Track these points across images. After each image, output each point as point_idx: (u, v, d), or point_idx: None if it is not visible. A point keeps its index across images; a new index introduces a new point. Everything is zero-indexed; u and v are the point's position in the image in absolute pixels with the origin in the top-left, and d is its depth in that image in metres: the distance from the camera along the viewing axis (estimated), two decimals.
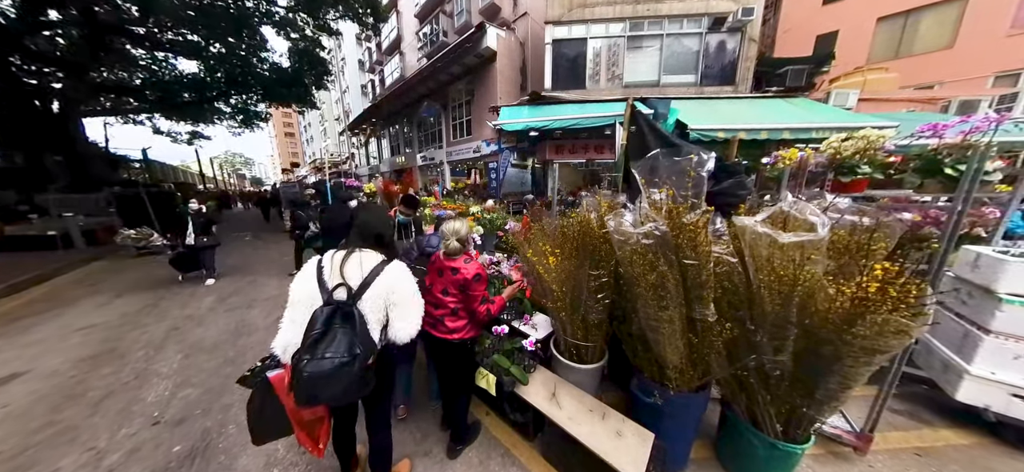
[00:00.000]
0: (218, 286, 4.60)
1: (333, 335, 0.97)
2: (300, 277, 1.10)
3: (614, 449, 1.17)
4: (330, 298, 1.03)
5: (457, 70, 10.14)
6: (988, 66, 8.20)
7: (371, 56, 20.45)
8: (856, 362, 0.96)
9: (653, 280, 1.07)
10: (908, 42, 9.21)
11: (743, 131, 6.20)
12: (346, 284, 1.05)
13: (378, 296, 1.07)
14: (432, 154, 13.04)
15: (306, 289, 1.07)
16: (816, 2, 10.25)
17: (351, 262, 1.10)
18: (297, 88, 11.37)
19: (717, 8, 7.27)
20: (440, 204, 5.50)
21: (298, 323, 1.03)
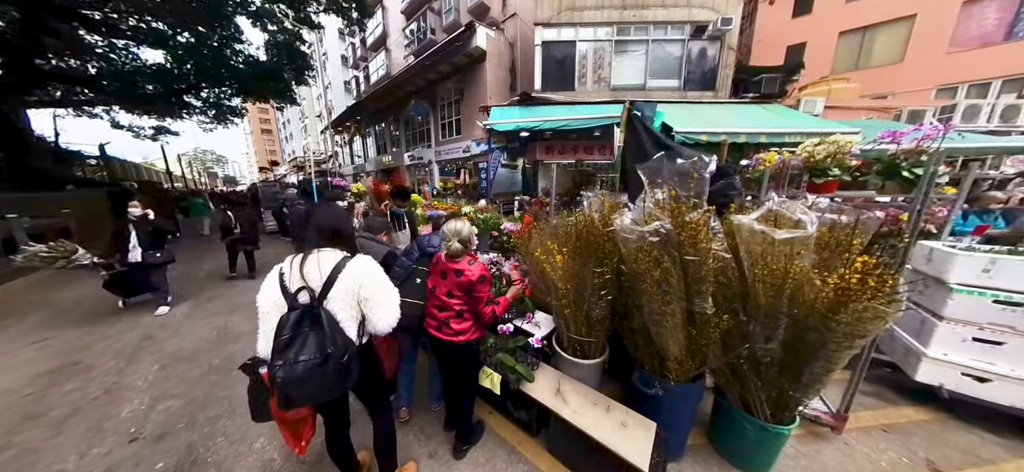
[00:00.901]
0: (193, 293, 4.24)
1: (302, 338, 0.97)
2: (264, 287, 1.09)
3: (620, 440, 1.22)
4: (294, 302, 1.02)
5: (446, 69, 10.04)
6: (931, 80, 9.09)
7: (355, 52, 19.84)
8: (839, 346, 1.05)
9: (658, 276, 1.13)
10: (866, 55, 10.03)
11: (725, 134, 6.52)
12: (308, 286, 1.04)
13: (346, 293, 1.06)
14: (420, 153, 12.83)
15: (271, 298, 1.06)
16: (786, 15, 10.95)
17: (309, 263, 1.08)
18: (275, 83, 10.79)
19: (698, 17, 7.61)
20: (431, 204, 5.43)
21: (269, 333, 1.02)
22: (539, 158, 8.72)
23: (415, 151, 13.20)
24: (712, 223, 1.30)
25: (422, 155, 12.70)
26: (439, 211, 4.72)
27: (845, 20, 10.14)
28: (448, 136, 11.46)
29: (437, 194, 9.32)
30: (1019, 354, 1.79)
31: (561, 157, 8.74)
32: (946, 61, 8.94)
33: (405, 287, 1.46)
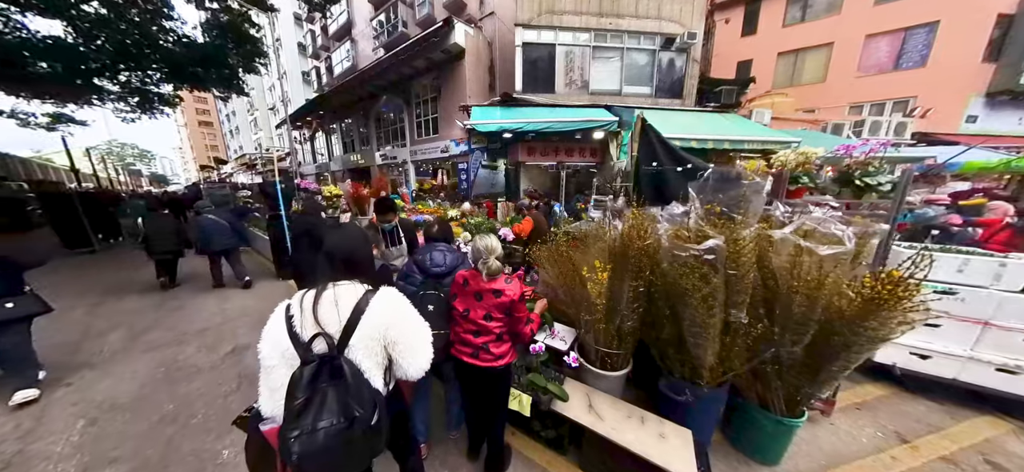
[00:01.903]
0: (124, 319, 3.45)
1: (321, 398, 0.78)
2: (267, 333, 0.88)
3: (662, 453, 1.19)
4: (309, 353, 0.83)
5: (422, 65, 9.58)
6: (846, 98, 10.76)
7: (314, 40, 18.18)
8: (862, 349, 1.13)
9: (707, 292, 1.11)
10: (798, 74, 11.55)
11: (694, 140, 7.07)
12: (324, 333, 0.85)
13: (370, 338, 0.88)
14: (394, 153, 12.12)
15: (278, 347, 0.85)
16: (737, 34, 12.21)
17: (324, 303, 0.89)
18: (219, 69, 9.35)
19: (668, 29, 8.14)
20: (415, 208, 5.11)
21: (278, 390, 0.82)
22: (521, 159, 8.69)
23: (388, 150, 12.44)
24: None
25: (396, 154, 12.00)
26: (424, 216, 4.44)
27: (782, 43, 11.59)
28: (424, 135, 10.97)
29: (417, 196, 8.86)
30: (952, 335, 2.11)
31: (543, 158, 8.80)
32: (856, 83, 10.63)
33: None
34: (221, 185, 10.00)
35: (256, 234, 6.45)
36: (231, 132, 41.44)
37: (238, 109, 36.49)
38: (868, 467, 1.60)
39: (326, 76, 16.53)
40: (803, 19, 11.27)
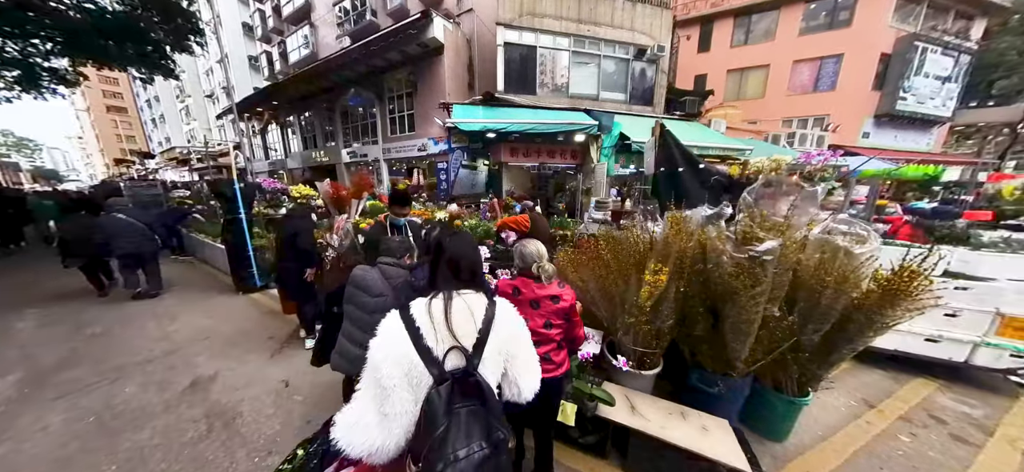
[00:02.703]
0: (33, 350, 2.70)
1: (459, 423, 0.67)
2: (385, 347, 0.74)
3: (710, 446, 1.22)
4: (443, 371, 0.72)
5: (396, 58, 9.04)
6: (780, 113, 12.51)
7: (265, 21, 16.20)
8: (875, 333, 1.28)
9: (759, 291, 1.17)
10: (743, 90, 13.14)
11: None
12: (460, 345, 0.75)
13: (498, 352, 0.81)
14: (364, 150, 11.26)
15: (402, 362, 0.72)
16: (694, 50, 13.51)
17: (458, 312, 0.80)
18: (138, 44, 7.71)
19: (640, 40, 8.69)
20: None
21: (398, 417, 0.68)
22: (504, 160, 8.63)
23: (357, 147, 11.52)
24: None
25: (367, 152, 11.16)
26: (412, 218, 4.16)
27: (730, 61, 13.10)
28: (399, 132, 10.36)
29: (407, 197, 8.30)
30: None
31: (525, 159, 8.83)
32: (787, 100, 12.41)
33: None
34: (147, 183, 8.34)
35: (200, 241, 5.50)
36: (154, 121, 35.20)
37: (163, 94, 31.12)
38: (852, 433, 1.84)
39: (279, 62, 14.81)
40: (746, 42, 12.86)
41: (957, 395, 2.20)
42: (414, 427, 0.69)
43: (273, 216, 4.37)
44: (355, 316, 1.33)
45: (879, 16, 10.83)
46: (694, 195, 1.88)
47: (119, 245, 3.65)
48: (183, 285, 4.42)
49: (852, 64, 11.37)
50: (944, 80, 11.82)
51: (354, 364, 1.31)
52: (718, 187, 2.05)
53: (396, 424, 0.68)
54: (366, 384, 0.73)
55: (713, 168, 2.51)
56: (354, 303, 1.33)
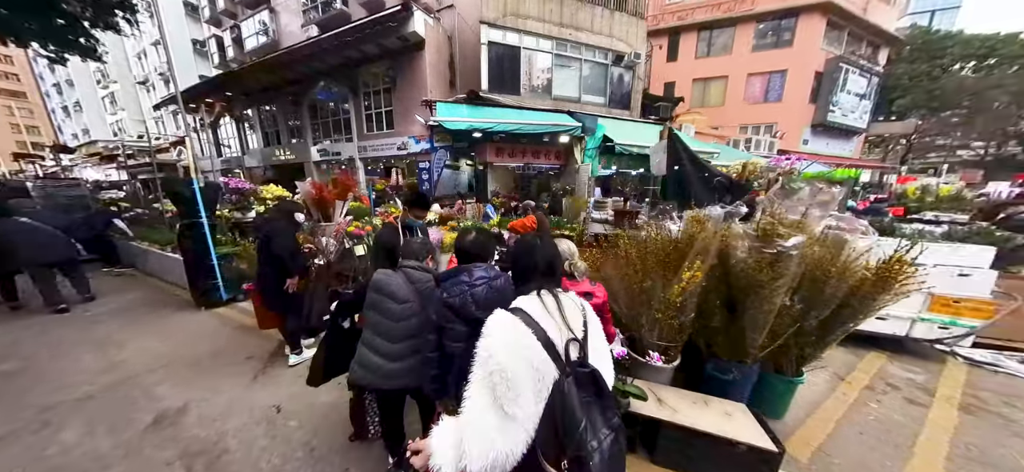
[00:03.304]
0: None
1: (588, 415, 0.67)
2: (510, 341, 0.69)
3: (736, 430, 1.29)
4: (568, 363, 0.71)
5: (373, 50, 8.56)
6: (738, 120, 13.84)
7: (213, 2, 14.47)
8: (865, 316, 1.45)
9: (783, 282, 1.25)
10: (707, 98, 14.34)
11: (648, 148, 8.08)
12: (576, 337, 0.76)
13: (593, 345, 0.82)
14: (337, 148, 10.51)
15: (531, 358, 0.68)
16: (664, 58, 14.46)
17: (568, 305, 0.81)
18: (42, 18, 6.29)
19: (618, 47, 9.10)
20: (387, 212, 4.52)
21: (522, 420, 0.64)
22: (489, 160, 8.55)
23: (328, 145, 10.71)
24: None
25: (340, 150, 10.43)
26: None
27: (695, 71, 14.23)
28: (376, 130, 9.82)
29: (380, 198, 7.89)
30: None
31: (511, 160, 8.83)
32: (743, 109, 13.77)
33: None
34: (67, 182, 6.98)
35: (143, 250, 4.73)
36: (66, 109, 29.83)
37: (80, 78, 26.48)
38: (833, 405, 2.08)
39: (232, 49, 13.29)
40: (708, 54, 14.05)
41: (903, 364, 2.58)
42: (534, 430, 0.65)
43: (241, 220, 3.89)
44: (379, 324, 1.22)
45: (814, 39, 12.43)
46: (700, 195, 2.01)
47: (26, 255, 3.03)
48: (126, 303, 3.77)
49: (794, 79, 12.92)
50: (861, 97, 13.92)
51: (377, 375, 1.21)
52: (721, 187, 2.22)
53: (520, 428, 0.64)
54: (481, 389, 0.66)
55: (716, 170, 2.71)
56: (378, 310, 1.22)
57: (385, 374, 1.19)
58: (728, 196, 1.89)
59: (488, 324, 0.73)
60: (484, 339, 0.70)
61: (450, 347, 1.03)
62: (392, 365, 1.18)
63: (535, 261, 0.86)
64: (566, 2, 8.47)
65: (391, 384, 1.21)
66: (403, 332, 1.18)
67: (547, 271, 0.86)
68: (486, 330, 0.72)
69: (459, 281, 1.05)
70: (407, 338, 1.18)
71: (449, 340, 1.04)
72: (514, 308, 0.76)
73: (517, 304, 0.78)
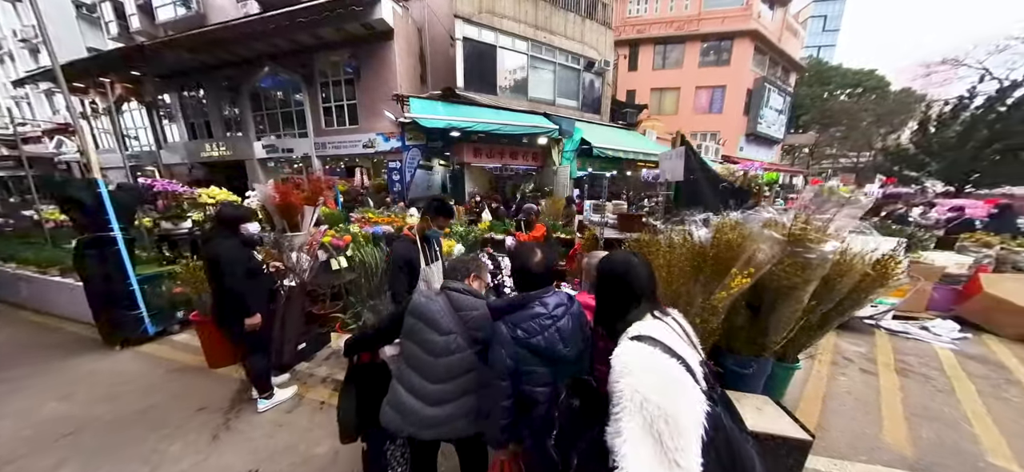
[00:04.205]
0: None
1: (729, 444, 0.62)
2: (659, 378, 0.60)
3: (770, 423, 1.35)
4: (711, 390, 0.66)
5: (332, 36, 7.68)
6: (690, 128, 15.41)
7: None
8: (859, 308, 1.65)
9: (815, 284, 1.33)
10: (663, 107, 15.76)
11: (621, 150, 8.58)
12: (705, 360, 0.74)
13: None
14: (288, 144, 9.23)
15: (689, 394, 0.60)
16: (626, 68, 15.52)
17: (687, 327, 0.78)
18: None
19: (589, 53, 9.49)
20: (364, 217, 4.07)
21: (692, 453, 0.55)
22: (467, 160, 8.27)
23: (275, 140, 9.35)
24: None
25: (292, 147, 9.17)
26: (382, 226, 3.56)
27: (653, 82, 15.56)
28: (338, 125, 8.85)
29: (351, 201, 7.08)
30: None
31: (488, 160, 8.66)
32: (693, 118, 15.42)
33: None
34: None
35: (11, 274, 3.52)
36: None
37: None
38: (814, 382, 2.37)
39: (139, 19, 10.82)
40: (663, 66, 15.47)
41: (849, 340, 3.06)
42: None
43: (172, 231, 3.10)
44: (417, 359, 0.99)
45: (745, 60, 14.46)
46: (710, 201, 2.12)
47: None
48: None
49: (731, 94, 14.88)
50: (779, 112, 16.63)
51: (413, 421, 0.98)
52: (726, 193, 2.39)
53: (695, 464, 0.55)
54: (641, 442, 0.54)
55: (721, 177, 2.90)
56: (417, 341, 0.99)
57: (423, 421, 0.97)
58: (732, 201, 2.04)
59: (624, 361, 0.62)
60: (626, 379, 0.59)
61: (534, 393, 0.88)
62: (432, 410, 0.97)
63: (643, 280, 0.78)
64: (540, 5, 8.57)
65: (430, 433, 0.99)
66: (444, 371, 0.97)
67: (650, 292, 0.78)
68: (624, 367, 0.61)
69: (534, 314, 0.90)
70: (450, 378, 0.98)
71: (532, 385, 0.88)
72: (640, 336, 0.66)
73: (641, 331, 0.68)
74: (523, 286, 0.98)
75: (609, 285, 0.82)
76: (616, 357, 0.64)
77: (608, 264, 0.87)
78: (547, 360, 0.88)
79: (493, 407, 0.91)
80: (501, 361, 0.88)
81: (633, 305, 0.76)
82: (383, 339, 1.15)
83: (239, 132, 9.71)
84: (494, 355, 0.89)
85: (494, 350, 0.90)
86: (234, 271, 1.73)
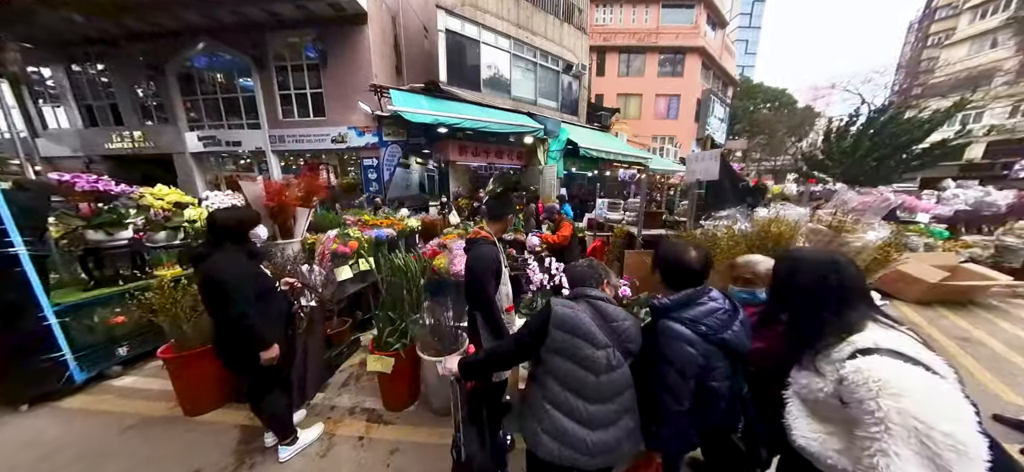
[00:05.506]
0: None
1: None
2: (937, 399, 0.58)
3: None
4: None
5: (290, 13, 6.73)
6: (651, 132, 16.92)
7: None
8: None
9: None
10: (628, 111, 16.97)
11: (603, 151, 8.99)
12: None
13: None
14: (233, 136, 7.86)
15: (971, 415, 0.58)
16: (594, 73, 16.35)
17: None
18: None
19: (566, 56, 9.77)
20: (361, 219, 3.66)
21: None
22: (452, 158, 7.93)
23: (216, 132, 7.90)
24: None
25: (239, 140, 7.83)
26: (385, 230, 3.24)
27: (619, 87, 16.65)
28: (299, 116, 7.80)
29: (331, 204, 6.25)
30: None
31: (474, 159, 8.41)
32: (654, 123, 16.90)
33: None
34: None
35: None
36: None
37: None
38: None
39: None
40: (627, 74, 16.65)
41: None
42: None
43: (105, 244, 2.38)
44: (576, 378, 0.87)
45: (694, 73, 16.28)
46: (731, 199, 2.32)
47: None
48: None
49: (684, 102, 16.63)
50: (721, 120, 19.10)
51: (581, 451, 0.86)
52: (743, 192, 2.62)
53: None
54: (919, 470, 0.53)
55: (739, 176, 3.17)
56: (573, 358, 0.87)
57: (590, 448, 0.86)
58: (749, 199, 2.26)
59: (893, 383, 0.58)
60: (898, 401, 0.56)
61: (718, 389, 0.88)
62: (597, 435, 0.86)
63: (858, 281, 0.71)
64: (522, 4, 8.58)
65: (597, 462, 0.88)
66: (608, 389, 0.88)
67: (867, 291, 0.72)
68: (897, 389, 0.58)
69: (711, 309, 0.89)
70: (613, 396, 0.89)
71: (717, 381, 0.88)
72: (888, 351, 0.62)
73: (887, 345, 0.64)
74: (677, 283, 0.95)
75: (810, 291, 0.74)
76: (865, 372, 0.61)
77: (803, 266, 0.78)
78: (734, 355, 0.88)
79: (665, 414, 0.89)
80: (690, 359, 0.85)
81: (847, 312, 0.69)
82: (522, 357, 1.00)
83: (163, 121, 7.97)
84: (679, 353, 0.86)
85: (676, 348, 0.87)
86: (244, 293, 1.38)
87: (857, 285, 0.73)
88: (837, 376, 0.67)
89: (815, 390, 0.71)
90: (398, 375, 1.84)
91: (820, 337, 0.72)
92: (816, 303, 0.74)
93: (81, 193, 2.35)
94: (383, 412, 1.94)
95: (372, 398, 2.03)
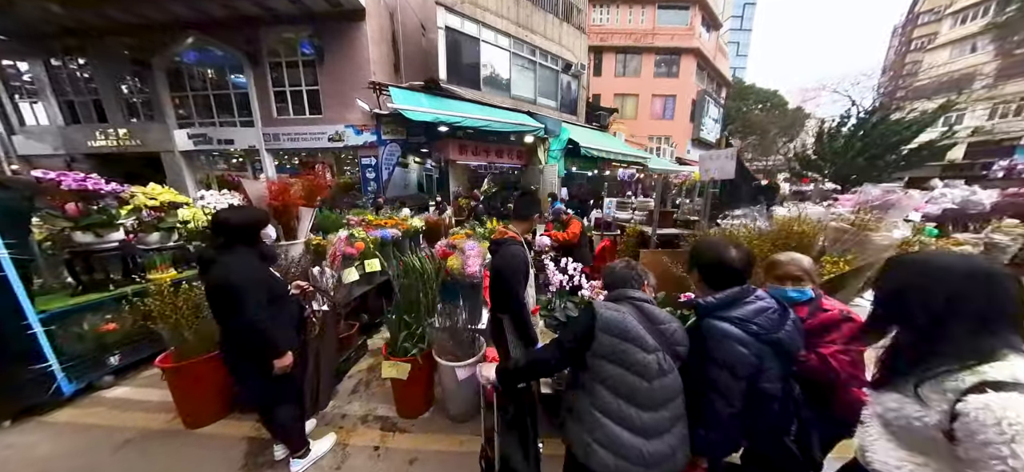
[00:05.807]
0: None
1: None
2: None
3: None
4: None
5: (285, 8, 6.54)
6: (648, 132, 17.07)
7: None
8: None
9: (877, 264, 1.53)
10: (625, 111, 17.08)
11: (604, 150, 9.00)
12: None
13: None
14: (225, 134, 7.62)
15: None
16: (592, 72, 16.41)
17: None
18: None
19: (566, 55, 9.76)
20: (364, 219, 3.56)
21: None
22: (452, 157, 7.84)
23: (208, 129, 7.65)
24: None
25: (232, 138, 7.59)
26: (388, 230, 3.16)
27: (616, 87, 16.74)
28: (295, 113, 7.61)
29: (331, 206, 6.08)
30: None
31: (474, 158, 8.34)
32: (650, 123, 17.05)
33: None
34: None
35: None
36: None
37: None
38: None
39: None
40: (624, 74, 16.76)
41: None
42: None
43: (94, 246, 2.24)
44: (628, 385, 0.83)
45: (689, 74, 16.48)
46: (745, 198, 2.31)
47: None
48: None
49: (680, 103, 16.81)
50: (715, 121, 19.41)
51: (637, 462, 0.81)
52: (756, 190, 2.62)
53: None
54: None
55: (752, 175, 3.17)
56: (623, 363, 0.83)
57: (647, 458, 0.82)
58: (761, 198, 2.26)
59: (1009, 409, 0.51)
60: (1012, 427, 0.50)
61: (770, 390, 0.84)
62: (653, 445, 0.82)
63: (1011, 306, 0.57)
64: (522, 2, 8.53)
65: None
66: (660, 395, 0.84)
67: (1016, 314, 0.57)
68: (1013, 416, 0.51)
69: (760, 309, 0.86)
70: (666, 402, 0.85)
71: (768, 382, 0.84)
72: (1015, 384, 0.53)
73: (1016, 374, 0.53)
74: (719, 283, 0.91)
75: (946, 305, 0.59)
76: (997, 411, 0.51)
77: (940, 273, 0.61)
78: (786, 355, 0.84)
79: (715, 417, 0.85)
80: (743, 359, 0.82)
81: (985, 336, 0.56)
82: (566, 364, 0.94)
83: (151, 118, 7.68)
84: (730, 354, 0.83)
85: (727, 348, 0.83)
86: (257, 298, 1.28)
87: (1008, 306, 0.58)
88: (948, 408, 0.56)
89: (910, 417, 0.61)
90: (414, 381, 1.76)
91: (941, 362, 0.59)
92: (949, 321, 0.59)
93: (67, 192, 2.21)
94: (397, 420, 1.86)
95: (384, 405, 1.95)
